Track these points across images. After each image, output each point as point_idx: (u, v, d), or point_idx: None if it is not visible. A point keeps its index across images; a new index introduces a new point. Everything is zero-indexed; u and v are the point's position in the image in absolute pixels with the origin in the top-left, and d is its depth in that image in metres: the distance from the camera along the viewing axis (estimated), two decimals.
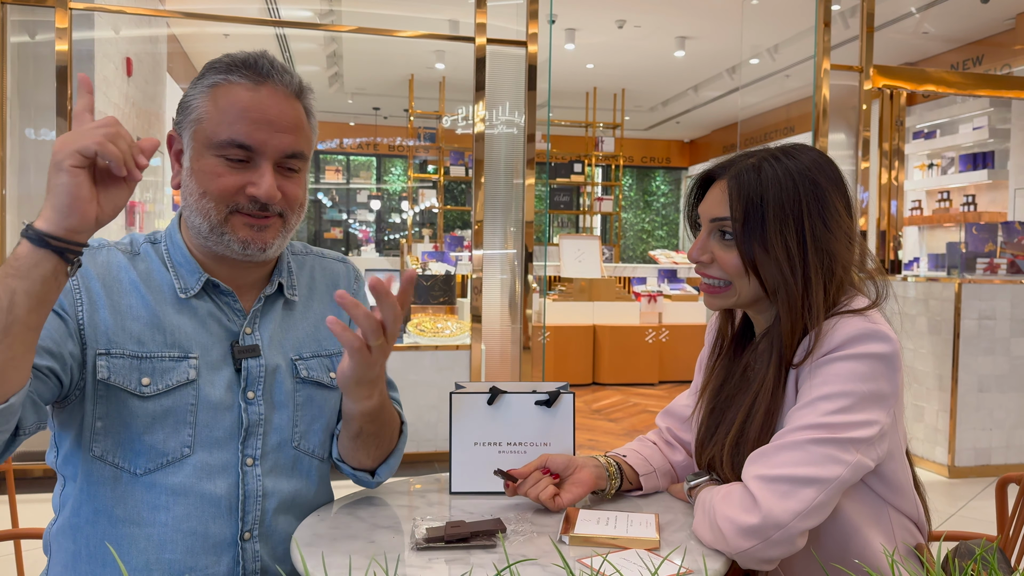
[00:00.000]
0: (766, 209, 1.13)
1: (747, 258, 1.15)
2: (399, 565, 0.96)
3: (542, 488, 1.17)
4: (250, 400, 1.13)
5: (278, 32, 7.66)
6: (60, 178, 0.89)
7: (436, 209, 10.19)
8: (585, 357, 6.62)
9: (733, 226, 1.16)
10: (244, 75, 1.08)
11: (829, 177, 1.16)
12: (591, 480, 1.20)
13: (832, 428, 1.04)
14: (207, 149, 1.07)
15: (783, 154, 1.17)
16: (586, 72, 9.43)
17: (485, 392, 1.30)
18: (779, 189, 1.14)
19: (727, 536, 1.02)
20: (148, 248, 1.16)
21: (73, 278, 1.05)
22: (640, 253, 13.73)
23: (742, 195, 1.15)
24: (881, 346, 1.07)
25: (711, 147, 13.35)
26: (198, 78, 1.11)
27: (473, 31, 3.90)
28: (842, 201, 1.17)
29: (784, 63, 8.33)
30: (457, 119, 9.14)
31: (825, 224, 1.14)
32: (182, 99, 1.12)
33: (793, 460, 1.03)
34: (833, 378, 1.07)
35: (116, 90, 4.64)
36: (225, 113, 1.06)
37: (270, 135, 1.07)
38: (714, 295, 1.22)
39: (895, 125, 4.63)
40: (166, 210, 6.63)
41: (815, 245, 1.14)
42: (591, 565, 0.95)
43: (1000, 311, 4.09)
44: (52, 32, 3.46)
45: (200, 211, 1.09)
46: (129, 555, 1.07)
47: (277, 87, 1.09)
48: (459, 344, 3.97)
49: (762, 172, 1.15)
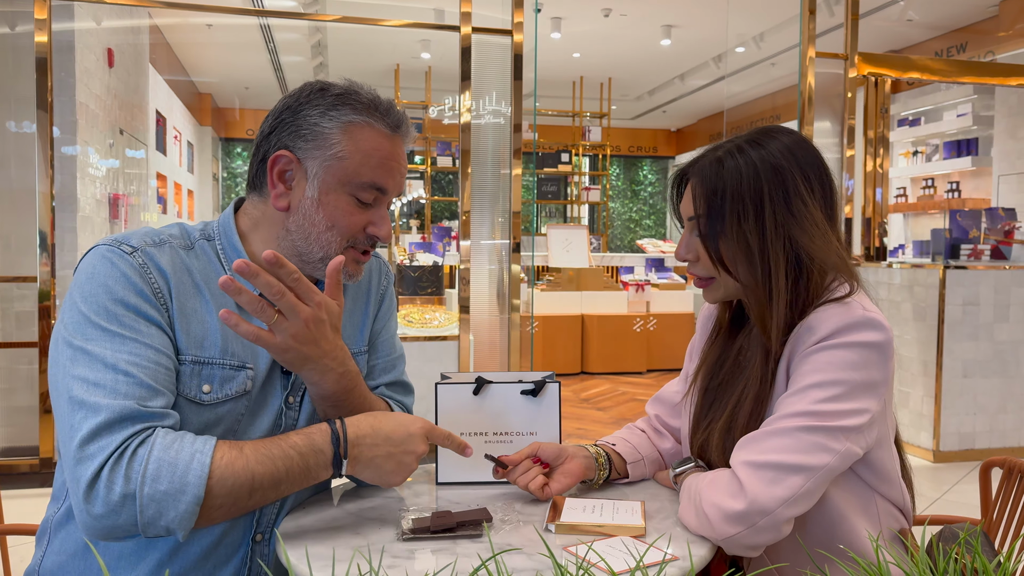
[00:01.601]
0: (724, 202, 1.13)
1: (713, 254, 1.15)
2: (383, 556, 0.96)
3: (531, 477, 1.18)
4: (290, 405, 1.15)
5: (262, 22, 7.59)
6: (376, 481, 1.07)
7: (423, 200, 10.16)
8: (573, 346, 6.63)
9: (698, 223, 1.16)
10: (384, 122, 1.13)
11: (800, 162, 1.14)
12: (580, 471, 1.21)
13: (822, 416, 1.04)
14: (342, 186, 1.10)
15: (752, 142, 1.16)
16: (572, 61, 9.41)
17: (471, 382, 1.30)
18: (738, 180, 1.13)
19: (713, 522, 1.02)
20: (204, 245, 1.12)
21: (152, 280, 1.03)
22: (628, 242, 13.75)
23: (705, 191, 1.15)
24: (875, 334, 1.07)
25: (698, 136, 13.36)
26: (327, 107, 1.10)
27: (458, 20, 3.87)
28: (812, 186, 1.14)
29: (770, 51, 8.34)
30: (443, 109, 9.10)
31: (789, 211, 1.12)
32: (304, 121, 1.09)
33: (782, 447, 1.03)
34: (825, 366, 1.06)
35: (98, 81, 4.58)
36: (369, 157, 1.10)
37: (398, 182, 1.15)
38: (705, 288, 1.23)
39: (880, 113, 4.65)
40: (150, 203, 6.57)
41: (776, 233, 1.12)
42: (577, 553, 0.96)
43: (984, 297, 4.12)
44: (31, 23, 3.41)
45: (320, 242, 1.11)
46: (145, 552, 1.06)
47: (406, 140, 1.17)
48: (447, 335, 3.97)
49: (724, 165, 1.15)
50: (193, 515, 0.92)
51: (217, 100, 11.36)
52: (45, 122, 3.38)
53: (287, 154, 1.09)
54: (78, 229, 4.05)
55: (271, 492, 0.97)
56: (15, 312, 3.82)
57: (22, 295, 3.82)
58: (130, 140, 5.63)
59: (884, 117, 4.66)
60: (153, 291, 1.03)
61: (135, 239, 1.06)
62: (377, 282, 1.31)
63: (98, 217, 4.57)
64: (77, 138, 4.10)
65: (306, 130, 1.09)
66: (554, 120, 11.71)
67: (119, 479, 0.90)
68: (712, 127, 12.88)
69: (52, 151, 3.40)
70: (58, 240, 3.56)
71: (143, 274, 1.02)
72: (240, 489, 0.95)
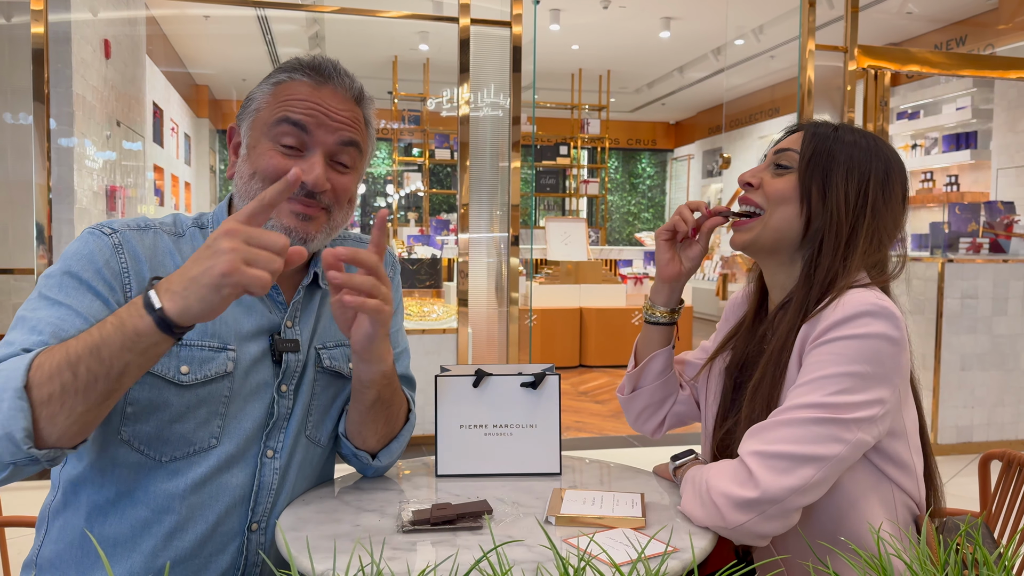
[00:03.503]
0: (835, 158, 1.16)
1: (803, 185, 1.16)
2: (384, 548, 0.96)
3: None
4: (283, 393, 1.14)
5: (259, 13, 7.56)
6: (212, 296, 0.86)
7: (421, 193, 10.13)
8: (572, 339, 6.63)
9: (799, 161, 1.17)
10: (307, 74, 1.12)
11: (897, 164, 1.19)
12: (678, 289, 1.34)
13: (835, 408, 1.03)
14: (263, 135, 1.10)
15: (864, 133, 1.21)
16: (571, 53, 9.38)
17: (471, 375, 1.30)
18: (852, 148, 1.17)
19: (723, 510, 1.01)
20: (195, 232, 1.15)
21: (121, 258, 1.05)
22: (626, 236, 13.74)
23: (815, 139, 1.18)
24: (886, 324, 1.06)
25: (696, 129, 13.34)
26: (265, 79, 1.15)
27: (457, 11, 3.86)
28: (901, 189, 1.19)
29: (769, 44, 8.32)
30: (442, 101, 9.08)
31: (884, 198, 1.16)
32: (247, 96, 1.16)
33: (793, 437, 1.02)
34: (838, 357, 1.05)
35: (95, 72, 4.56)
36: (284, 101, 1.10)
37: (324, 122, 1.10)
38: (740, 228, 1.21)
39: (879, 105, 4.64)
40: (147, 195, 6.56)
41: (873, 208, 1.16)
42: (578, 545, 0.95)
43: (982, 290, 4.12)
44: (28, 14, 3.39)
45: (249, 193, 1.10)
46: (141, 539, 1.06)
47: (337, 89, 1.13)
48: (446, 328, 3.97)
49: (839, 131, 1.19)
50: (19, 410, 0.87)
51: (214, 92, 11.33)
52: (42, 114, 3.37)
53: (233, 125, 1.17)
54: (75, 221, 4.03)
55: (93, 360, 0.88)
56: (12, 304, 3.81)
57: (19, 287, 3.81)
58: (127, 132, 5.61)
59: (884, 110, 4.65)
60: (118, 270, 1.05)
61: (119, 223, 1.09)
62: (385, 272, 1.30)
63: (95, 209, 4.56)
64: (74, 130, 4.08)
65: (247, 99, 1.15)
66: (552, 113, 11.68)
67: None
68: (711, 120, 12.86)
69: (49, 143, 3.38)
70: (55, 232, 3.55)
71: (114, 253, 1.05)
72: (60, 371, 0.88)
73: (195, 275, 0.86)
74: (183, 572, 1.08)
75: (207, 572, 1.10)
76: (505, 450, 1.28)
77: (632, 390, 1.39)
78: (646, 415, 1.40)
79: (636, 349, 1.39)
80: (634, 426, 1.44)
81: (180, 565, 1.08)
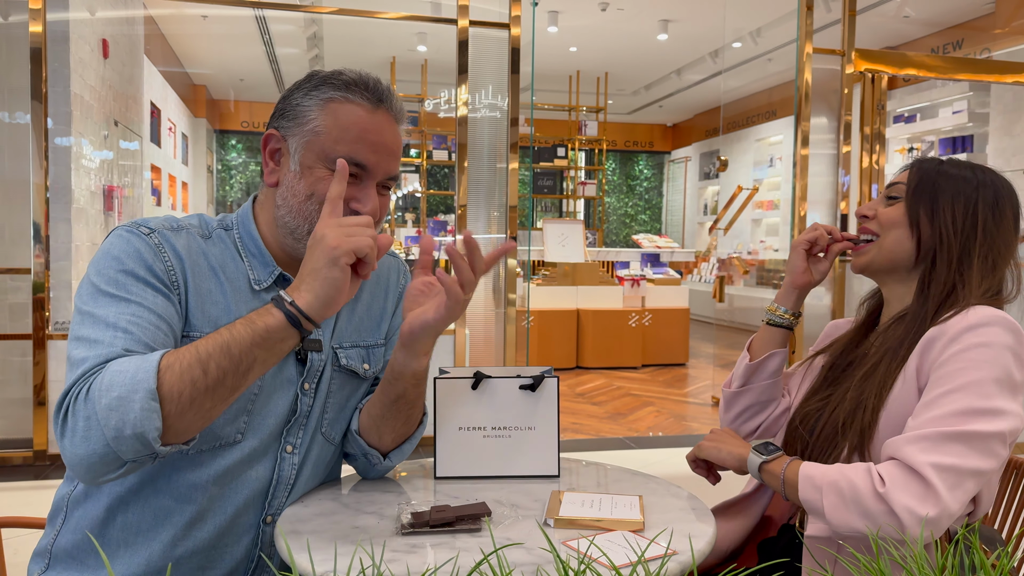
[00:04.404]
0: (940, 185, 1.23)
1: (911, 212, 1.24)
2: (384, 550, 0.96)
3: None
4: (305, 391, 1.17)
5: (257, 14, 7.56)
6: (334, 272, 0.95)
7: (419, 193, 10.13)
8: (569, 341, 6.63)
9: (906, 189, 1.26)
10: (364, 96, 1.12)
11: (1007, 189, 1.26)
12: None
13: (989, 417, 1.05)
14: (321, 160, 1.10)
15: (971, 166, 1.27)
16: (569, 55, 9.39)
17: (469, 377, 1.30)
18: (957, 177, 1.24)
19: (907, 525, 1.00)
20: (222, 234, 1.17)
21: (165, 256, 1.08)
22: (623, 237, 13.75)
23: (921, 172, 1.26)
24: (1015, 337, 1.11)
25: (694, 131, 13.36)
26: (311, 88, 1.13)
27: (455, 13, 3.86)
28: (1012, 213, 1.25)
29: (766, 47, 8.34)
30: (440, 102, 9.08)
31: (995, 220, 1.22)
32: (289, 103, 1.14)
33: (961, 452, 1.03)
34: (981, 364, 1.08)
35: (93, 72, 4.56)
36: (346, 132, 1.10)
37: (382, 158, 1.12)
38: (857, 253, 1.30)
39: (876, 109, 4.65)
40: (145, 194, 6.55)
41: (984, 229, 1.21)
42: (577, 547, 0.96)
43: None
44: (26, 13, 3.38)
45: (303, 213, 1.11)
46: (161, 528, 1.09)
47: (389, 112, 1.14)
48: None
49: (944, 164, 1.26)
50: (153, 411, 0.90)
51: (212, 92, 11.31)
52: (39, 113, 3.36)
53: (275, 133, 1.15)
54: (72, 221, 4.03)
55: (224, 359, 0.94)
56: (8, 304, 3.80)
57: (16, 287, 3.80)
58: (124, 132, 5.60)
59: (880, 113, 4.66)
60: (165, 269, 1.07)
61: (154, 222, 1.11)
62: (396, 280, 1.35)
63: (92, 209, 4.55)
64: (71, 129, 4.07)
65: (290, 111, 1.14)
66: (550, 114, 11.69)
67: (80, 405, 0.92)
68: (708, 122, 12.88)
69: (46, 142, 3.38)
70: (52, 232, 3.55)
71: (157, 253, 1.07)
72: (191, 368, 0.93)
73: (312, 267, 0.96)
74: (199, 561, 1.11)
75: (222, 562, 1.12)
76: (503, 452, 1.28)
77: (743, 384, 1.39)
78: (748, 414, 1.39)
79: (751, 346, 1.41)
80: (730, 424, 1.42)
81: (197, 555, 1.10)
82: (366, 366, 1.25)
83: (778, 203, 10.12)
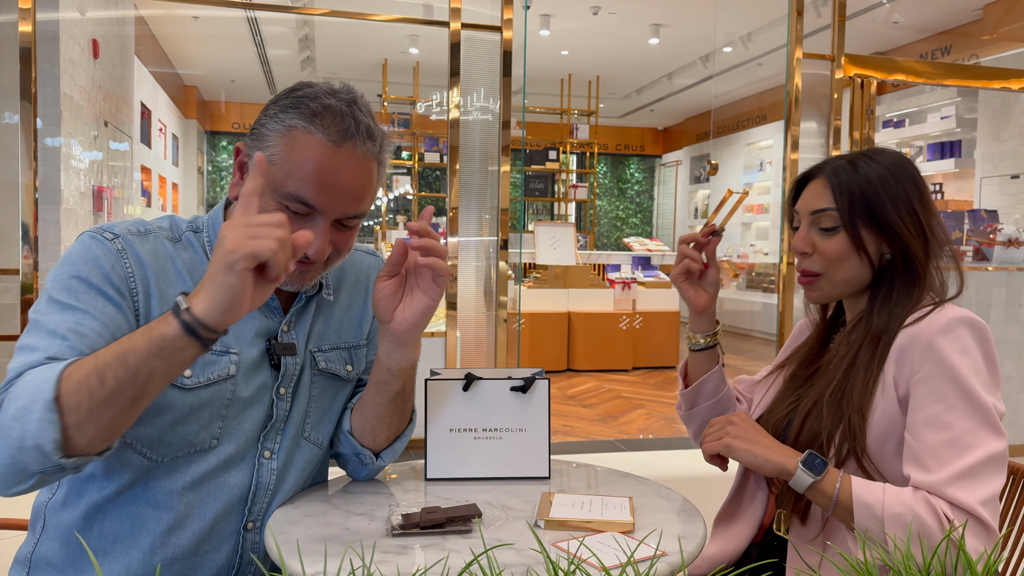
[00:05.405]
0: (871, 195, 1.19)
1: (855, 239, 1.20)
2: (374, 551, 0.96)
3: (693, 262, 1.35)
4: (281, 396, 1.15)
5: (249, 15, 7.54)
6: (230, 278, 0.85)
7: (410, 196, 10.12)
8: (560, 343, 6.64)
9: (840, 215, 1.21)
10: (327, 132, 1.04)
11: (914, 167, 1.24)
12: (712, 296, 1.37)
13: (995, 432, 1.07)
14: (271, 191, 1.04)
15: (870, 153, 1.25)
16: (561, 59, 9.41)
17: (460, 378, 1.30)
18: (880, 179, 1.20)
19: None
20: (191, 236, 1.14)
21: (126, 263, 1.05)
22: (614, 240, 13.78)
23: (843, 187, 1.21)
24: (985, 336, 1.13)
25: (685, 135, 13.40)
26: (280, 109, 1.06)
27: (448, 16, 3.86)
28: (924, 184, 1.24)
29: (757, 52, 8.38)
30: (431, 105, 9.08)
31: (924, 204, 1.21)
32: (261, 120, 1.08)
33: (991, 476, 1.05)
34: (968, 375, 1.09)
35: (83, 73, 4.54)
36: (298, 167, 1.03)
37: (336, 200, 1.05)
38: (808, 287, 1.26)
39: (866, 114, 4.68)
40: (134, 195, 6.52)
41: (924, 219, 1.20)
42: (567, 548, 0.96)
43: (965, 297, 4.13)
44: (15, 13, 3.36)
45: None
46: (139, 535, 1.07)
47: (357, 150, 1.06)
48: (434, 331, 3.96)
49: (858, 168, 1.22)
50: (49, 422, 0.87)
51: (203, 93, 11.27)
52: (29, 113, 3.34)
53: (242, 147, 1.11)
54: (61, 222, 4.01)
55: (121, 369, 0.89)
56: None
57: (4, 288, 3.77)
58: (114, 132, 5.57)
59: (870, 118, 4.69)
60: (124, 275, 1.05)
61: (119, 227, 1.09)
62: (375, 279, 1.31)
63: (82, 210, 4.53)
64: (61, 130, 4.06)
65: (258, 127, 1.08)
66: (542, 117, 11.71)
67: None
68: (699, 126, 12.92)
69: (35, 143, 3.36)
70: (41, 233, 3.53)
71: (119, 259, 1.05)
72: (88, 378, 0.89)
73: (210, 272, 0.87)
74: (180, 569, 1.09)
75: (203, 569, 1.11)
76: (494, 454, 1.29)
77: (690, 407, 1.41)
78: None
79: (686, 372, 1.43)
80: (696, 440, 1.42)
81: (177, 562, 1.09)
82: (349, 368, 1.24)
83: (768, 207, 10.16)
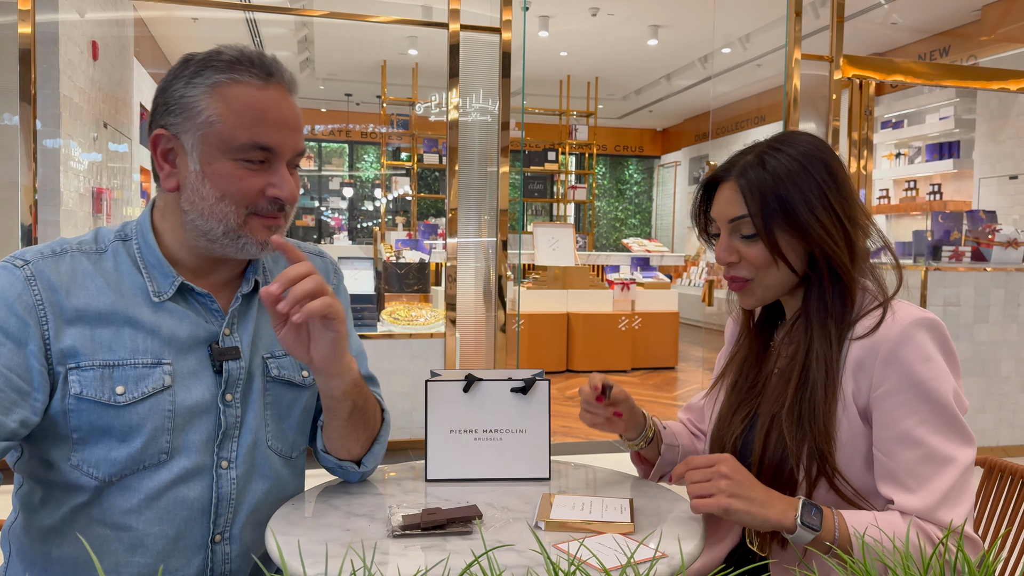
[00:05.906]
0: (784, 196, 1.13)
1: (773, 248, 1.14)
2: (375, 552, 0.96)
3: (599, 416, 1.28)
4: (228, 403, 1.11)
5: (248, 16, 7.54)
6: None
7: (410, 197, 10.13)
8: (559, 344, 6.64)
9: (753, 221, 1.14)
10: (252, 73, 1.04)
11: (831, 155, 1.17)
12: (633, 421, 1.31)
13: (966, 441, 1.07)
14: (222, 153, 1.03)
15: (779, 144, 1.17)
16: (560, 60, 9.42)
17: (461, 380, 1.30)
18: (790, 175, 1.14)
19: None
20: (119, 247, 1.10)
21: (34, 289, 1.02)
22: (613, 241, 13.79)
23: (754, 190, 1.14)
24: (943, 334, 1.11)
25: (683, 136, 13.42)
26: (191, 75, 1.04)
27: (447, 17, 3.87)
28: (841, 170, 1.17)
29: (755, 52, 8.39)
30: (430, 106, 9.08)
31: (842, 195, 1.15)
32: (171, 96, 1.05)
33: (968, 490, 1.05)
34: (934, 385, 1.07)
35: (82, 74, 4.54)
36: (242, 116, 1.03)
37: (287, 135, 1.06)
38: (740, 293, 1.21)
39: (864, 115, 4.68)
40: (134, 197, 6.52)
41: (841, 210, 1.14)
42: (567, 550, 0.96)
43: (964, 298, 4.17)
44: (15, 14, 3.37)
45: (216, 215, 1.05)
46: (101, 556, 1.04)
47: (281, 85, 1.07)
48: (433, 332, 3.97)
49: (767, 164, 1.15)
50: None
51: None
52: (28, 115, 3.34)
53: (163, 132, 1.06)
54: (61, 223, 4.01)
55: None
56: None
57: None
58: (114, 134, 5.57)
59: (868, 119, 4.69)
60: (32, 304, 1.01)
61: (31, 252, 1.06)
62: (328, 281, 1.26)
63: (81, 211, 4.53)
64: (60, 131, 4.06)
65: (174, 104, 1.05)
66: (541, 118, 11.72)
67: None
68: (698, 127, 12.93)
69: (35, 144, 3.36)
70: (40, 234, 3.53)
71: (27, 287, 1.02)
72: None
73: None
74: None
75: None
76: (494, 455, 1.29)
77: (659, 478, 1.38)
78: None
79: (641, 460, 1.40)
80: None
81: None
82: (304, 373, 1.19)
83: None
